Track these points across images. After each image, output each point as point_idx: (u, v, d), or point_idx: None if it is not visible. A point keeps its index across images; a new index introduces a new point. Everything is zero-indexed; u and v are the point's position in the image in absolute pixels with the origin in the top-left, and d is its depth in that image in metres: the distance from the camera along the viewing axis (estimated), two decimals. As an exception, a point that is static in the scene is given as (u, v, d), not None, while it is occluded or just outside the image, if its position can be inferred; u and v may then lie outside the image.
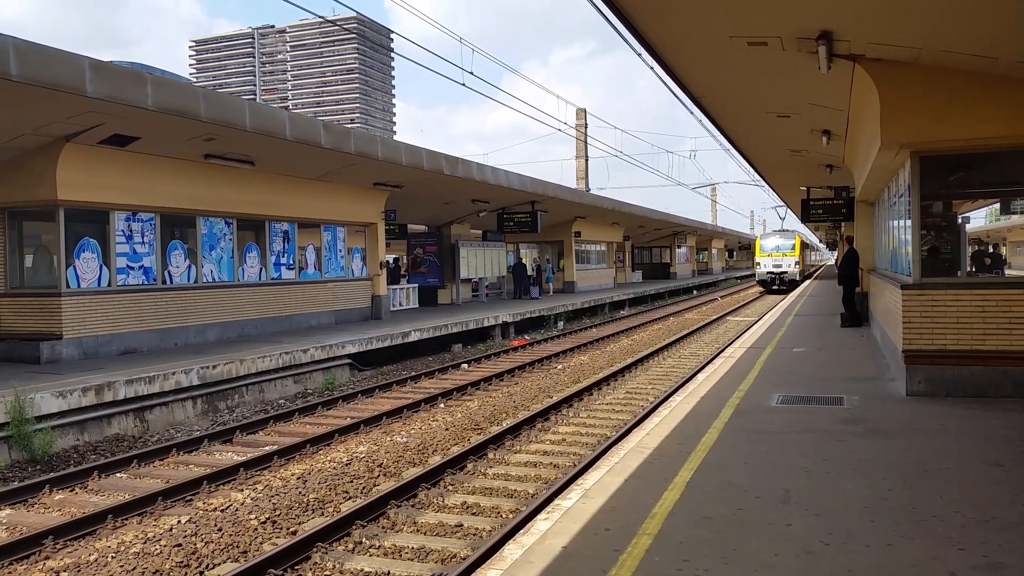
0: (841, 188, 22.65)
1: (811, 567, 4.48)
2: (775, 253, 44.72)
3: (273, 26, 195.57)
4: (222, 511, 7.76)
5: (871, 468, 6.44)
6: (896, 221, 12.37)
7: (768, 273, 44.98)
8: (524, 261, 35.37)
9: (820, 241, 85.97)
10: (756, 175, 26.77)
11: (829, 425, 8.05)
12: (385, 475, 8.99)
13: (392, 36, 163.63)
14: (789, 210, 45.72)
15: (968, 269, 11.41)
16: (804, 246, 51.44)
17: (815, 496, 5.73)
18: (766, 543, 4.85)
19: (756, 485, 6.03)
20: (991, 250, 17.17)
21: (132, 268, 15.08)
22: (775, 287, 44.38)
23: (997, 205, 15.22)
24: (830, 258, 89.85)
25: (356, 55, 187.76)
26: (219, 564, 6.47)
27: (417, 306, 26.49)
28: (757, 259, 46.18)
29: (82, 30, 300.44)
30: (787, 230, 46.92)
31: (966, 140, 9.06)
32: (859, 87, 9.77)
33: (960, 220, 11.07)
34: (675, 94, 12.50)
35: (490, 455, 9.71)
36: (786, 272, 44.23)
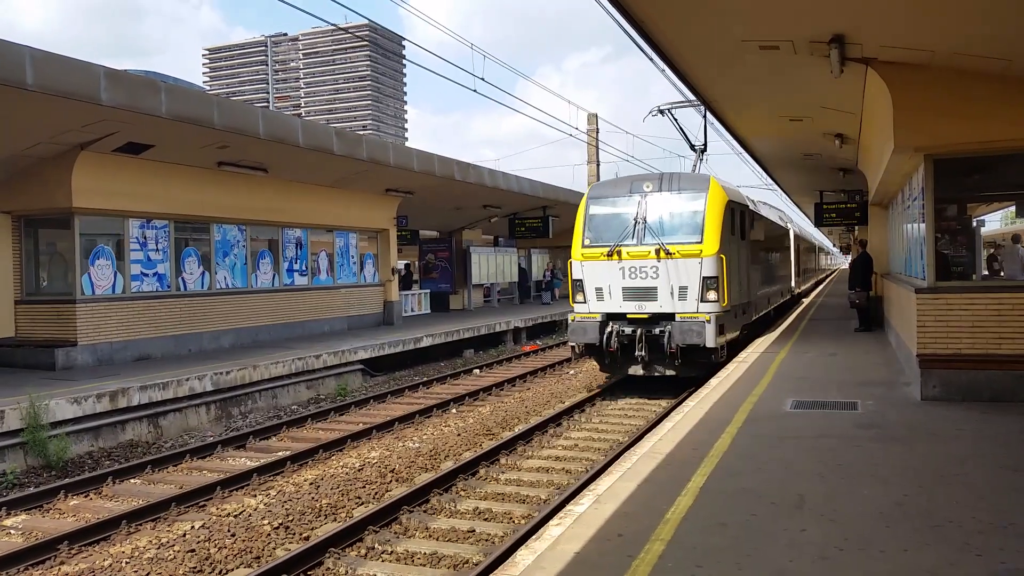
0: (855, 192, 22.42)
1: (827, 573, 4.44)
2: (632, 250, 12.93)
3: (286, 34, 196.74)
4: (235, 517, 7.78)
5: (887, 473, 6.39)
6: (910, 224, 12.28)
7: (605, 317, 13.06)
8: (523, 267, 34.84)
9: (834, 245, 71.20)
10: (769, 179, 26.59)
11: (844, 430, 7.99)
12: (397, 480, 8.99)
13: (404, 43, 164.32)
14: (713, 120, 14.26)
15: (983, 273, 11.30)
16: (738, 220, 14.23)
17: (830, 502, 5.68)
18: (781, 549, 4.81)
19: (770, 491, 5.98)
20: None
21: (146, 275, 15.19)
22: (632, 366, 13.12)
23: (1013, 208, 15.08)
24: (843, 262, 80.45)
25: (368, 62, 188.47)
26: (232, 569, 6.49)
27: (429, 311, 26.56)
28: (573, 273, 13.52)
29: (105, 40, 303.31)
30: (689, 174, 15.22)
31: (980, 142, 8.99)
32: (872, 90, 9.72)
33: (975, 223, 10.97)
34: (687, 97, 12.48)
35: (502, 460, 9.69)
36: (669, 318, 12.64)
